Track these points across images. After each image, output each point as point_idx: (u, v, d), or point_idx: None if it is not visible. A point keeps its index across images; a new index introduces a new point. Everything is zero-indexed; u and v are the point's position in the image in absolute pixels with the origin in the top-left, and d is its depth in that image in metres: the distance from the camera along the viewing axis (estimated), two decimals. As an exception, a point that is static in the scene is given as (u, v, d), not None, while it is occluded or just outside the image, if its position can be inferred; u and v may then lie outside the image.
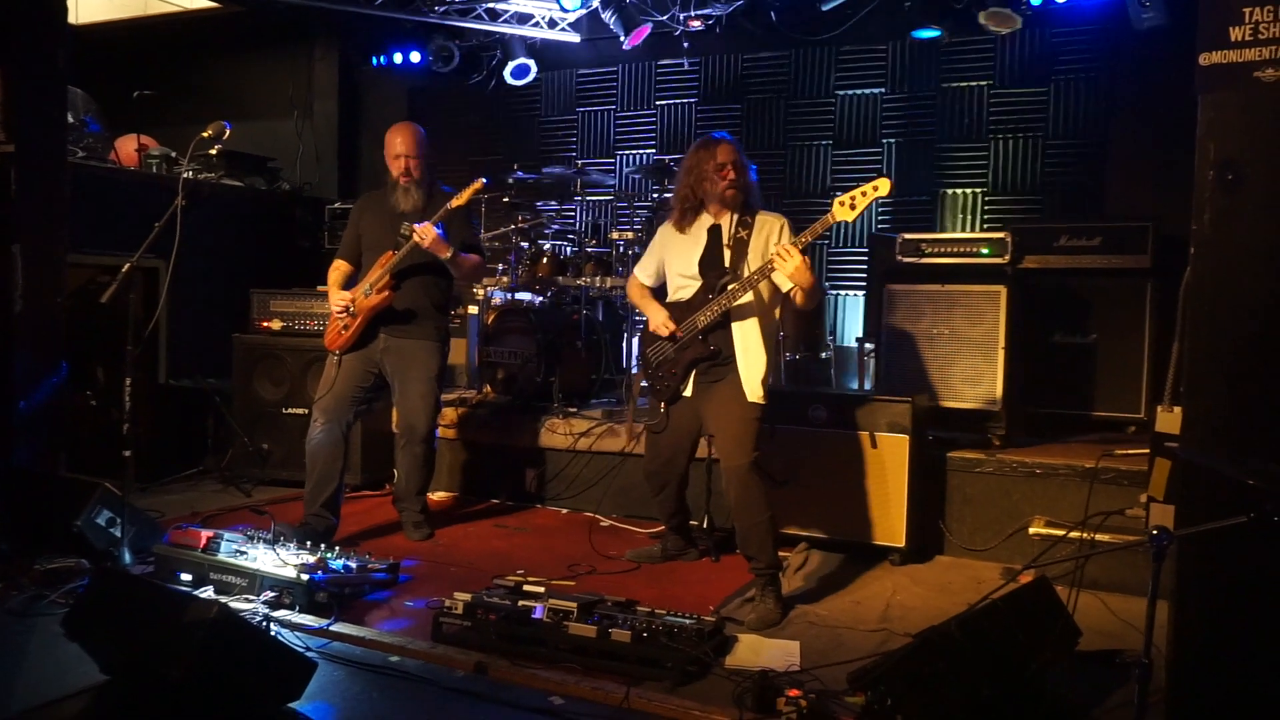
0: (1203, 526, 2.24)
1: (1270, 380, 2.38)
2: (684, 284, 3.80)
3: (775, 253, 3.44)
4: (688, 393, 3.77)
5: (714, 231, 3.76)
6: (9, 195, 4.25)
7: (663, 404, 3.84)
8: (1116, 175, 5.78)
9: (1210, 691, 2.45)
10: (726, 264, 3.68)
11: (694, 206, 3.77)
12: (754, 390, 3.62)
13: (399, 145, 4.35)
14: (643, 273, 4.03)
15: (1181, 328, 2.71)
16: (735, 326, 3.66)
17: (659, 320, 3.79)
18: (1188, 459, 2.52)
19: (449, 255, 4.21)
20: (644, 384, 3.95)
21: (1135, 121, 5.68)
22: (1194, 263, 2.51)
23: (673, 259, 3.85)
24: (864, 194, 3.38)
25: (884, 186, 3.38)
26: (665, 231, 3.94)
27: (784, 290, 3.65)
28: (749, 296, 3.61)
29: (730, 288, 3.60)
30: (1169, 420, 3.16)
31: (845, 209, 3.40)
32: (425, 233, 4.12)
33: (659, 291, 3.99)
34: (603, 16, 6.42)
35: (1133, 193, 5.62)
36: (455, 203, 4.21)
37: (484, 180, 4.22)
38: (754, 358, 3.65)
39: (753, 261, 3.63)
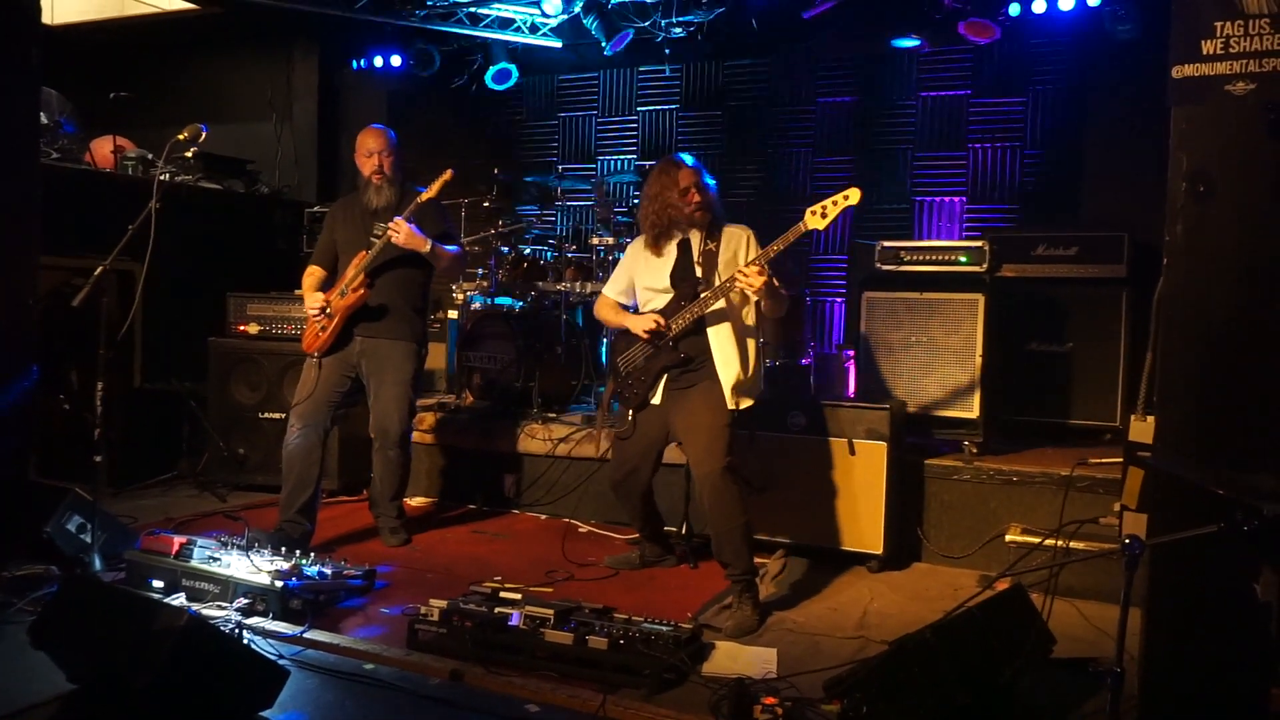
0: (1174, 535, 2.26)
1: (1241, 390, 2.41)
2: (653, 297, 3.80)
3: (737, 273, 3.47)
4: (656, 400, 3.77)
5: (684, 246, 3.77)
6: (-19, 197, 4.20)
7: (630, 411, 3.83)
8: (1093, 185, 5.83)
9: (1181, 699, 2.46)
10: (699, 275, 3.70)
11: (664, 231, 3.77)
12: (733, 397, 3.63)
13: (370, 143, 4.36)
14: (613, 290, 4.00)
15: (1154, 337, 2.73)
16: (711, 332, 3.66)
17: (644, 322, 3.71)
18: (1160, 468, 2.54)
19: (427, 248, 4.19)
20: (615, 392, 3.94)
21: (1111, 132, 5.73)
22: (1166, 273, 2.53)
23: (643, 274, 3.84)
24: (835, 203, 3.41)
25: (854, 195, 3.40)
26: (635, 249, 3.95)
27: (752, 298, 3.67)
28: (721, 303, 3.62)
29: (703, 295, 3.61)
30: (1142, 429, 3.18)
31: (816, 218, 3.43)
32: (398, 227, 4.11)
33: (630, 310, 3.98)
34: (584, 22, 6.42)
35: (1109, 203, 5.67)
36: (425, 195, 4.19)
37: (452, 171, 4.20)
38: (732, 364, 3.65)
39: (723, 273, 3.65)
